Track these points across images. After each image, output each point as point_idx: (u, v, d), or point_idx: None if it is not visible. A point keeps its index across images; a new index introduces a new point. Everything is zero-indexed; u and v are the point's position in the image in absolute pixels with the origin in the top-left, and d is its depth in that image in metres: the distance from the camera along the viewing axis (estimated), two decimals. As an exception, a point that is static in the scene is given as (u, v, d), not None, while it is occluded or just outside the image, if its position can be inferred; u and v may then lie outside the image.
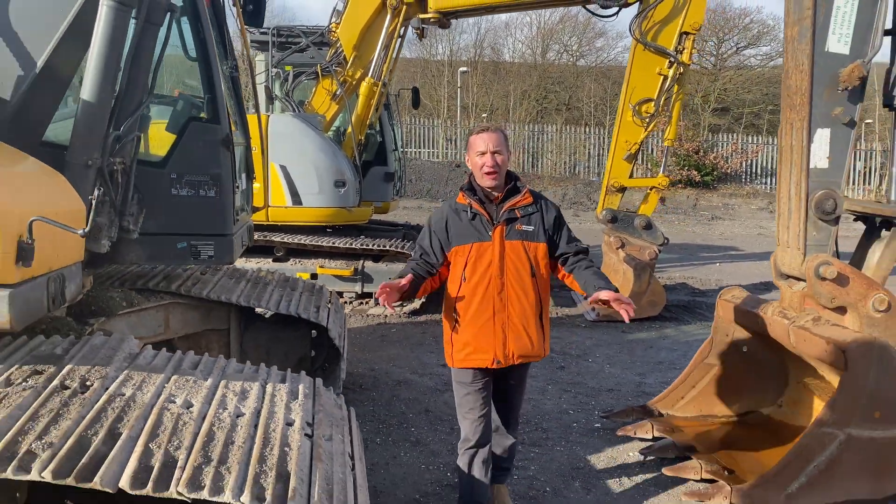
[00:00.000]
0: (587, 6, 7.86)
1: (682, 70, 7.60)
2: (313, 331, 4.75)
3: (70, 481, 1.93)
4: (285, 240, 7.50)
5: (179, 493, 1.96)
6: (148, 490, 1.95)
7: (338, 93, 7.90)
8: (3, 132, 2.98)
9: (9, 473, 1.92)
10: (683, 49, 7.53)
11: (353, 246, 7.49)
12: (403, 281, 2.89)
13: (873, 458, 3.41)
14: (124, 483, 1.95)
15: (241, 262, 6.53)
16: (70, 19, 3.06)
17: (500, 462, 3.25)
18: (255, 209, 4.79)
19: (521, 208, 2.97)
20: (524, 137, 25.23)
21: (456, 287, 2.98)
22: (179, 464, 2.07)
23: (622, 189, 7.95)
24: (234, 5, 4.49)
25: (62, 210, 2.74)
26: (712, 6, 29.60)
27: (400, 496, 3.48)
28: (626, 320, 2.81)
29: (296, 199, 7.42)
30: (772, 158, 23.58)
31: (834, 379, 3.61)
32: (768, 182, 23.44)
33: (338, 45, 7.83)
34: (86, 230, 2.63)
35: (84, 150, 3.02)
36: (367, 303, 7.67)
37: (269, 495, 2.01)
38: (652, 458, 3.92)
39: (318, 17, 66.27)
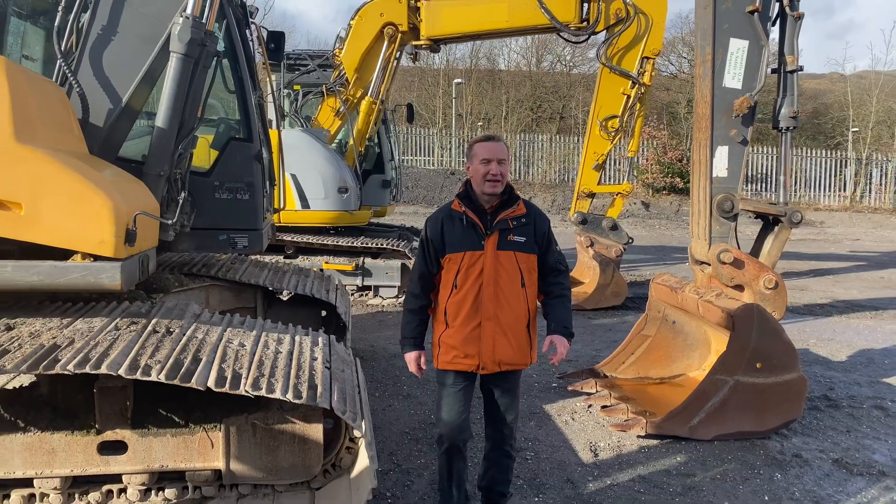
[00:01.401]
0: (560, 34, 8.91)
1: (643, 90, 8.66)
2: (323, 311, 5.78)
3: (176, 381, 2.94)
4: (295, 239, 8.53)
5: (246, 391, 2.98)
6: (226, 388, 2.96)
7: (341, 110, 8.95)
8: (97, 150, 4.01)
9: (138, 375, 2.92)
10: (644, 72, 8.60)
11: (355, 244, 8.52)
12: (420, 357, 3.22)
13: (756, 399, 4.43)
14: (210, 383, 2.96)
15: (255, 258, 7.54)
16: (146, 68, 4.09)
17: (496, 485, 3.30)
18: (276, 210, 5.81)
19: (514, 219, 3.03)
20: (516, 146, 26.28)
21: (447, 293, 3.05)
22: (244, 375, 3.09)
23: (591, 195, 9.01)
24: (259, 45, 5.53)
25: (147, 208, 3.76)
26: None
27: (394, 430, 4.49)
28: (553, 361, 3.20)
29: (304, 203, 8.45)
30: (753, 166, 24.68)
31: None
32: (750, 188, 24.54)
33: (341, 67, 8.88)
34: (174, 221, 3.65)
35: (158, 164, 4.04)
36: (366, 294, 8.69)
37: (304, 395, 3.03)
38: (592, 404, 4.94)
39: (317, 23, 67.51)
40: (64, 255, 3.39)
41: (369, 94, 8.95)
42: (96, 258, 3.38)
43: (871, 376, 5.92)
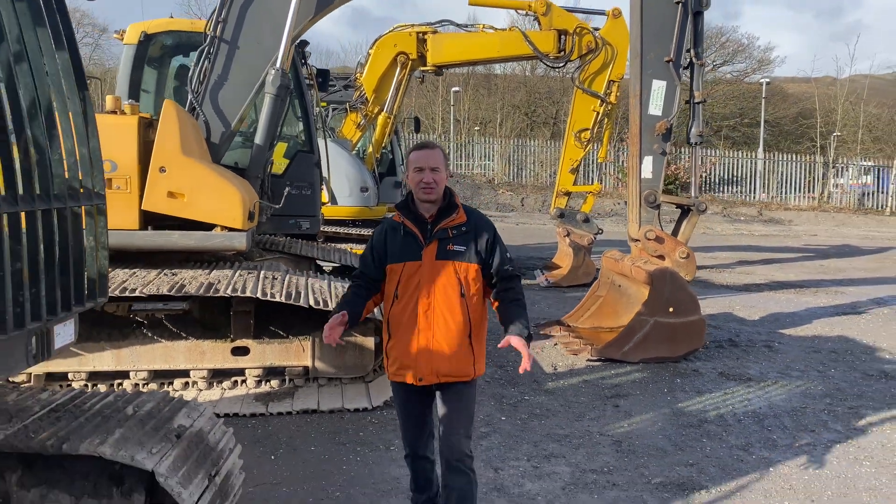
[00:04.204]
0: (542, 61, 10.81)
1: (609, 108, 10.56)
2: (357, 279, 7.65)
3: (291, 301, 4.80)
4: (325, 230, 10.40)
5: (322, 307, 4.85)
6: (321, 306, 4.84)
7: (361, 123, 10.84)
8: (212, 160, 5.88)
9: (268, 298, 4.79)
10: (610, 92, 10.50)
11: (374, 234, 10.40)
12: (340, 318, 2.91)
13: (669, 334, 6.30)
14: (311, 303, 4.83)
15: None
16: (245, 104, 5.95)
17: None
18: (324, 203, 7.70)
19: (453, 228, 2.99)
20: (510, 150, 28.14)
21: (389, 304, 3.03)
22: (329, 300, 4.96)
23: (567, 193, 10.92)
24: (310, 80, 7.42)
25: (253, 200, 5.64)
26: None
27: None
28: (521, 370, 2.90)
29: (333, 200, 10.34)
30: (728, 168, 26.63)
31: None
32: (725, 189, 26.49)
33: (361, 88, 10.77)
34: (279, 206, 5.54)
35: (256, 169, 5.91)
36: (383, 275, 10.59)
37: (367, 312, 4.91)
38: (557, 342, 6.84)
39: (317, 24, 69.48)
40: (208, 227, 5.27)
41: (385, 111, 10.83)
42: (230, 230, 5.26)
43: (772, 328, 7.82)
